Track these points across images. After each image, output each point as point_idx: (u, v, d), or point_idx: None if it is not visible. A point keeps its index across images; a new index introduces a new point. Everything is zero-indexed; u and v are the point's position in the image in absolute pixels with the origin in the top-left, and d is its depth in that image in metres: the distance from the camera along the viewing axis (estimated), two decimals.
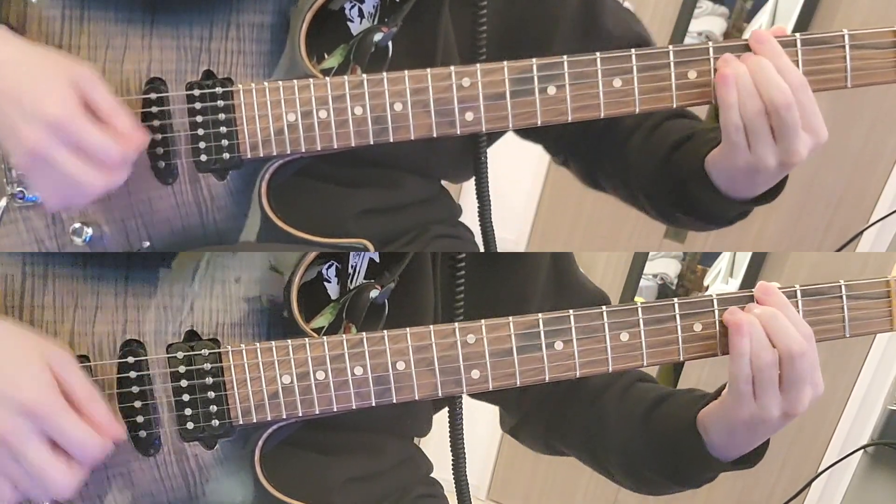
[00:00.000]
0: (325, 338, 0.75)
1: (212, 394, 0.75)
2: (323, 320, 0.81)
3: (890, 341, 1.99)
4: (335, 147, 0.77)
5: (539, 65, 0.77)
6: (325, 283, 0.82)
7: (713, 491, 2.09)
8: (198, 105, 0.76)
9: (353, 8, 0.82)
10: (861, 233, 1.86)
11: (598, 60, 0.77)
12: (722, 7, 2.09)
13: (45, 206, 0.77)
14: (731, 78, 0.76)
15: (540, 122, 0.78)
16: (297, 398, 0.75)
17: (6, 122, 0.69)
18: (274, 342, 0.75)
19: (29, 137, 0.69)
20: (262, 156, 0.77)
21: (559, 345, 0.77)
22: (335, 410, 0.76)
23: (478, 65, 0.77)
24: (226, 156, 0.77)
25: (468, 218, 0.99)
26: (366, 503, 0.87)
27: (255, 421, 0.75)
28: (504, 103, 0.78)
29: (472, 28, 0.84)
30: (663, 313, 0.78)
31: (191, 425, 0.75)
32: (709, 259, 2.17)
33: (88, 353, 0.74)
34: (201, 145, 0.77)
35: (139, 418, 0.74)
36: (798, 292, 0.78)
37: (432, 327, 0.76)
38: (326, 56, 0.81)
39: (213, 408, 0.75)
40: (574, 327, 0.77)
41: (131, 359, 0.74)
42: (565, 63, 0.77)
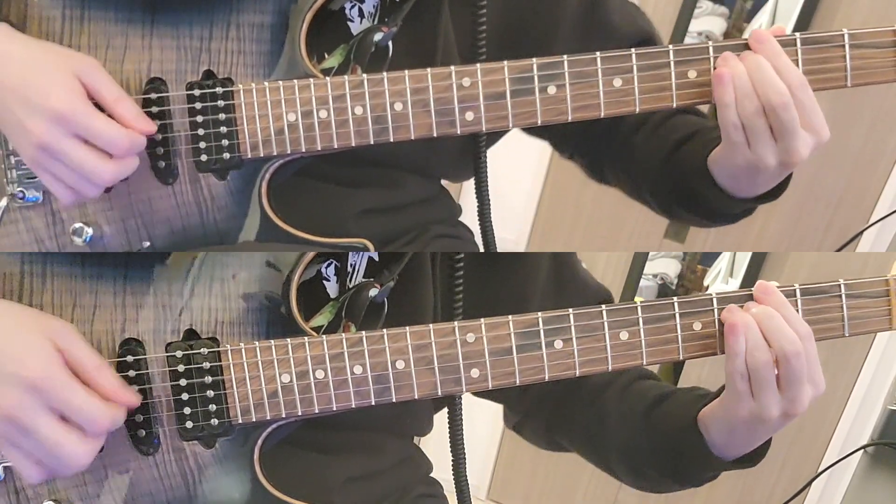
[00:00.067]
0: (324, 337, 0.75)
1: (211, 393, 0.75)
2: (322, 319, 0.81)
3: (890, 341, 1.99)
4: (335, 147, 0.77)
5: (539, 64, 0.77)
6: (325, 282, 0.82)
7: (713, 490, 2.09)
8: (198, 105, 0.76)
9: (353, 8, 0.82)
10: (861, 233, 1.86)
11: (599, 60, 0.77)
12: (722, 7, 2.09)
13: (54, 205, 0.77)
14: (728, 77, 0.76)
15: (540, 122, 0.78)
16: (296, 397, 0.75)
17: (13, 118, 0.70)
18: (273, 341, 0.75)
19: (36, 130, 0.69)
20: (262, 156, 0.77)
21: (559, 344, 0.77)
22: (334, 409, 0.76)
23: (478, 64, 0.77)
24: (226, 156, 0.77)
25: (468, 218, 0.99)
26: (365, 503, 0.87)
27: (254, 420, 0.75)
28: (504, 103, 0.78)
29: (472, 28, 0.84)
30: (663, 312, 0.78)
31: (190, 424, 0.75)
32: (709, 259, 2.16)
33: None
34: (201, 145, 0.77)
35: (138, 417, 0.74)
36: (797, 291, 0.78)
37: (432, 326, 0.76)
38: (326, 56, 0.81)
39: (213, 407, 0.75)
40: (574, 326, 0.77)
41: (130, 358, 0.74)
42: (565, 63, 0.77)
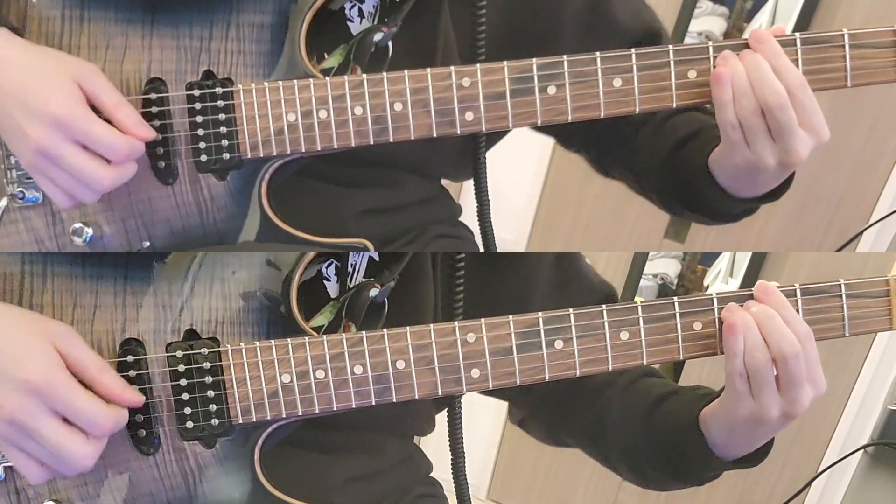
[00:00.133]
0: (324, 337, 0.75)
1: (211, 393, 0.75)
2: (322, 319, 0.81)
3: (890, 341, 1.99)
4: (335, 147, 0.77)
5: (539, 64, 0.77)
6: (325, 282, 0.82)
7: (713, 490, 2.09)
8: (198, 105, 0.76)
9: (353, 8, 0.82)
10: (861, 233, 1.86)
11: (599, 60, 0.77)
12: (722, 7, 2.09)
13: (53, 205, 0.77)
14: (727, 76, 0.76)
15: (540, 122, 0.78)
16: (296, 397, 0.75)
17: (12, 123, 0.70)
18: (273, 341, 0.75)
19: (35, 135, 0.69)
20: (262, 156, 0.77)
21: (559, 343, 0.77)
22: (335, 409, 0.76)
23: (478, 64, 0.77)
24: (226, 156, 0.77)
25: (468, 218, 0.99)
26: (365, 503, 0.87)
27: (254, 420, 0.75)
28: (504, 103, 0.78)
29: (472, 28, 0.84)
30: (663, 312, 0.78)
31: (190, 424, 0.75)
32: (709, 259, 2.16)
33: None
34: (201, 145, 0.77)
35: (138, 417, 0.74)
36: (797, 291, 0.78)
37: (432, 326, 0.76)
38: (326, 56, 0.81)
39: (213, 407, 0.75)
40: (574, 326, 0.77)
41: (131, 358, 0.74)
42: (565, 63, 0.77)
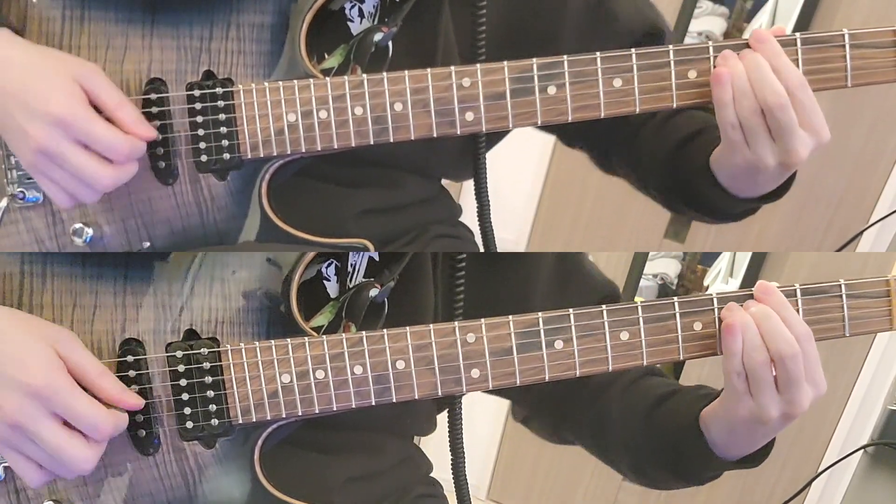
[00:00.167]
0: (324, 337, 0.75)
1: (211, 393, 0.75)
2: (322, 319, 0.81)
3: (890, 341, 1.99)
4: (335, 147, 0.77)
5: (539, 64, 0.77)
6: (325, 282, 0.82)
7: (714, 490, 2.09)
8: (198, 105, 0.76)
9: (353, 8, 0.82)
10: (861, 233, 1.86)
11: (599, 60, 0.77)
12: (722, 7, 2.09)
13: (54, 206, 0.77)
14: (727, 77, 0.76)
15: (540, 122, 0.78)
16: (296, 397, 0.75)
17: (13, 123, 0.70)
18: (273, 341, 0.75)
19: (36, 135, 0.69)
20: (262, 156, 0.77)
21: (559, 344, 0.77)
22: (335, 410, 0.76)
23: (478, 65, 0.77)
24: (226, 156, 0.77)
25: (468, 218, 0.99)
26: (365, 503, 0.87)
27: (254, 420, 0.75)
28: (504, 103, 0.78)
29: (472, 28, 0.84)
30: (663, 312, 0.78)
31: (190, 424, 0.75)
32: (709, 259, 2.16)
33: None
34: (201, 146, 0.77)
35: (138, 417, 0.74)
36: (798, 291, 0.78)
37: (432, 326, 0.76)
38: (326, 56, 0.81)
39: (213, 407, 0.75)
40: (574, 326, 0.77)
41: (130, 358, 0.74)
42: (565, 63, 0.77)
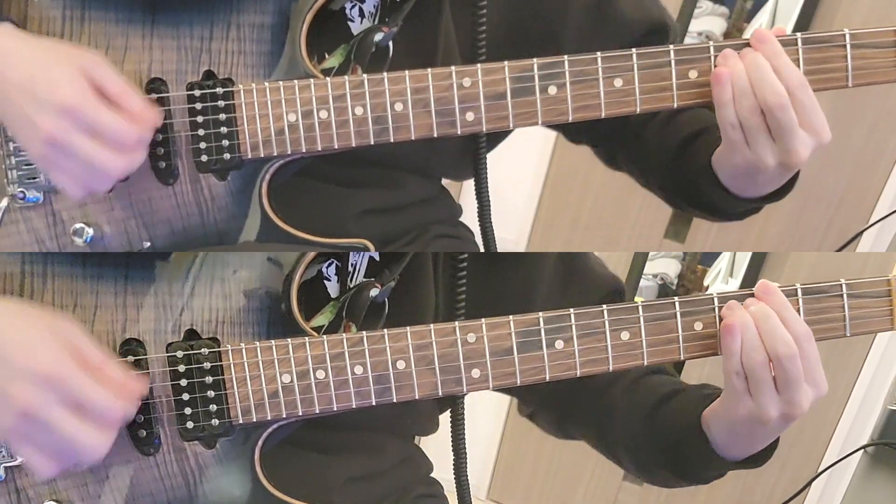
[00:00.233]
0: (325, 337, 0.75)
1: (211, 393, 0.75)
2: (323, 319, 0.81)
3: (890, 341, 1.99)
4: (336, 147, 0.77)
5: (540, 64, 0.77)
6: (325, 282, 0.82)
7: (714, 490, 2.09)
8: (198, 105, 0.76)
9: (353, 8, 0.82)
10: (861, 233, 1.86)
11: (599, 60, 0.77)
12: (722, 7, 2.09)
13: (54, 206, 0.77)
14: (727, 76, 0.76)
15: (541, 123, 0.78)
16: (297, 397, 0.75)
17: (21, 114, 0.70)
18: (274, 341, 0.75)
19: (44, 125, 0.69)
20: (262, 156, 0.77)
21: (559, 344, 0.77)
22: (335, 410, 0.76)
23: (478, 64, 0.77)
24: (226, 156, 0.77)
25: (468, 218, 0.99)
26: (366, 503, 0.87)
27: (254, 420, 0.75)
28: (505, 103, 0.78)
29: (472, 27, 0.84)
30: (664, 312, 0.78)
31: (191, 424, 0.75)
32: (709, 259, 2.16)
33: None
34: (202, 146, 0.77)
35: (139, 417, 0.74)
36: (798, 291, 0.78)
37: (432, 326, 0.76)
38: (327, 56, 0.81)
39: (213, 407, 0.75)
40: (574, 326, 0.77)
41: (131, 358, 0.74)
42: (566, 62, 0.77)
